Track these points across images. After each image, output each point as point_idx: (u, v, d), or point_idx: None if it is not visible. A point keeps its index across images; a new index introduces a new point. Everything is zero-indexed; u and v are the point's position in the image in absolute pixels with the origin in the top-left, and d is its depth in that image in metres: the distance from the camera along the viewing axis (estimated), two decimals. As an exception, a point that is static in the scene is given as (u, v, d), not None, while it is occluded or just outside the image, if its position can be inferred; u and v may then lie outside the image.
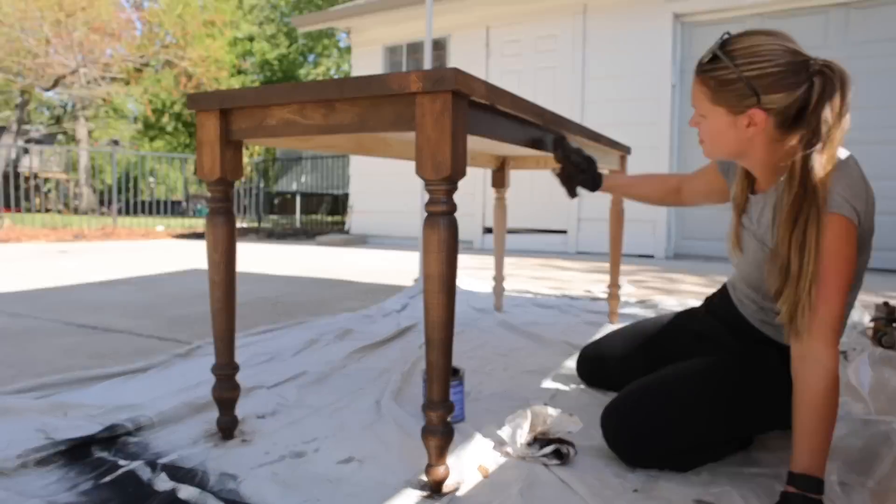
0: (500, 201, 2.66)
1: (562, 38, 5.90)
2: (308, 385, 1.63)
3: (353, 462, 1.17)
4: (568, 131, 1.57)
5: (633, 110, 5.49)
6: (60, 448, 1.17)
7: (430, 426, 1.03)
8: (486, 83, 1.05)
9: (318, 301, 3.03)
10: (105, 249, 6.13)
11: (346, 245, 6.92)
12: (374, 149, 1.71)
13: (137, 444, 1.23)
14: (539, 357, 1.96)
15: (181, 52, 14.67)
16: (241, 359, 1.79)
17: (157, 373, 1.71)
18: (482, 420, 1.37)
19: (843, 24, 4.79)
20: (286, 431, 1.31)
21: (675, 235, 5.53)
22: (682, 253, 5.51)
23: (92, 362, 1.85)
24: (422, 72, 0.96)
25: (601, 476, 1.11)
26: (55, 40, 12.67)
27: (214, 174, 1.22)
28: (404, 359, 1.88)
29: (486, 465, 1.15)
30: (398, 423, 1.34)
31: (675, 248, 5.54)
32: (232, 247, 1.25)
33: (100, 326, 2.36)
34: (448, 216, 1.00)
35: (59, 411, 1.37)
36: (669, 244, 5.48)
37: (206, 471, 1.12)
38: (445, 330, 1.01)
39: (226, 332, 1.27)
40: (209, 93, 1.21)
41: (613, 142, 2.13)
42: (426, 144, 0.98)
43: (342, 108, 1.08)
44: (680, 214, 5.50)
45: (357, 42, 7.28)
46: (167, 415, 1.35)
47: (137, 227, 9.02)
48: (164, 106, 18.97)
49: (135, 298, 3.02)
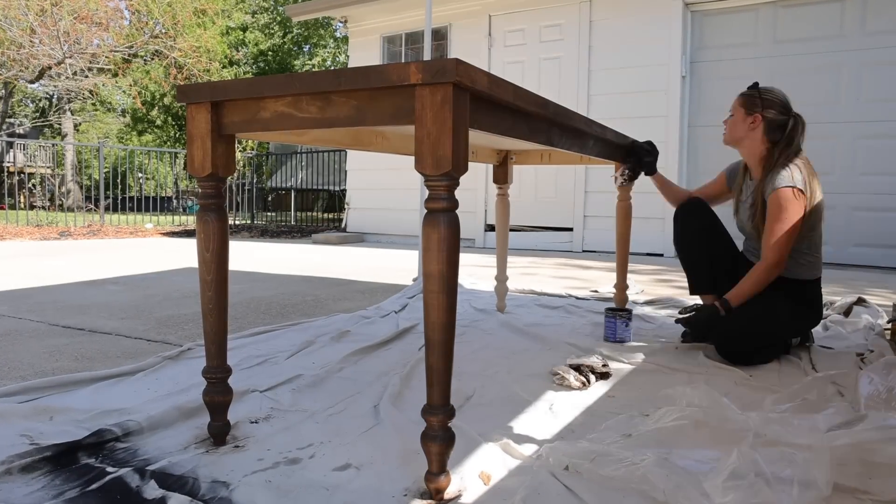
0: (503, 198, 2.66)
1: (567, 28, 5.89)
2: (303, 389, 1.62)
3: (351, 469, 1.16)
4: (574, 124, 1.57)
5: (641, 103, 5.49)
6: (46, 454, 1.17)
7: (431, 432, 1.03)
8: (489, 74, 1.05)
9: (313, 301, 3.03)
10: (92, 247, 6.13)
11: (343, 243, 6.92)
12: (373, 143, 1.70)
13: (126, 450, 1.23)
14: (543, 360, 1.96)
15: (171, 43, 14.65)
16: (234, 361, 1.79)
17: (146, 376, 1.71)
18: (484, 425, 1.37)
19: (861, 14, 4.78)
20: (280, 437, 1.31)
21: (684, 233, 5.52)
22: (692, 251, 5.50)
23: (78, 365, 1.85)
24: (422, 62, 0.96)
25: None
26: (40, 30, 12.66)
27: (205, 169, 1.22)
28: (403, 361, 1.88)
29: (488, 472, 1.15)
30: (397, 429, 1.33)
31: (685, 247, 5.53)
32: (224, 245, 1.25)
33: (86, 327, 2.35)
34: (449, 213, 1.00)
35: (45, 416, 1.37)
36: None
37: (196, 478, 1.12)
38: (446, 331, 1.01)
39: (217, 333, 1.27)
40: (200, 84, 1.21)
41: (620, 135, 2.12)
42: (426, 138, 0.98)
43: (339, 100, 1.07)
44: (690, 211, 5.49)
45: (354, 31, 7.28)
46: (156, 420, 1.35)
47: (125, 225, 9.02)
48: (154, 98, 18.96)
49: (123, 298, 3.02)
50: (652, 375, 1.81)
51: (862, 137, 4.81)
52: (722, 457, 1.19)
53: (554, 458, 1.20)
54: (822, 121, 4.91)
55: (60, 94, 17.19)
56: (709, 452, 1.22)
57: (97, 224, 8.73)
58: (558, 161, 2.54)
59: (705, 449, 1.24)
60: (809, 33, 4.97)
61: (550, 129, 1.47)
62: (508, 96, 1.14)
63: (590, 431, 1.36)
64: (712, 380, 1.75)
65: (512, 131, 1.24)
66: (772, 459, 1.15)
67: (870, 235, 4.76)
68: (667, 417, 1.41)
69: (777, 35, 5.10)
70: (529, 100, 1.23)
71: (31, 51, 12.82)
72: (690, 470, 1.16)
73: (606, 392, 1.66)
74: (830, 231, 4.91)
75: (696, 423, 1.34)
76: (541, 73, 6.04)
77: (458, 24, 6.49)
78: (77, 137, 20.09)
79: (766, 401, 1.59)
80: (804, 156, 1.96)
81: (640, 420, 1.42)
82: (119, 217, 9.73)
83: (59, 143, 16.15)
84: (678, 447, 1.25)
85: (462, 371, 1.81)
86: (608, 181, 5.43)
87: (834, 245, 4.89)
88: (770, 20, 5.12)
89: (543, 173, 5.95)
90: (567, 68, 5.90)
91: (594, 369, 1.74)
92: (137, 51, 15.03)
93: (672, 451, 1.23)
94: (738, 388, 1.68)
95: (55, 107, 18.88)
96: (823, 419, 1.41)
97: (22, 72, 13.43)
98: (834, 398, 1.58)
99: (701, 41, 5.38)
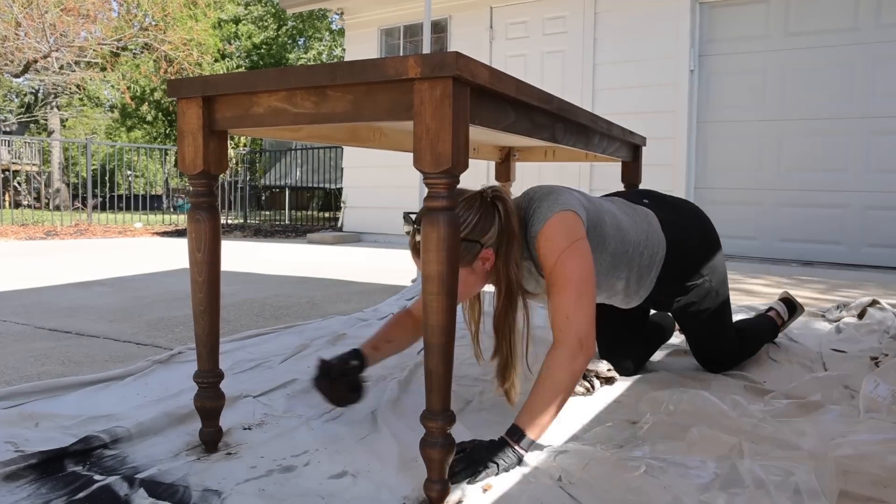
0: (505, 196, 2.66)
1: (571, 20, 5.89)
2: (298, 394, 1.62)
3: (347, 477, 1.16)
4: (579, 120, 1.57)
5: (648, 98, 5.49)
6: (31, 462, 1.16)
7: (430, 438, 1.03)
8: (490, 68, 1.05)
9: (308, 303, 3.03)
10: (79, 248, 6.13)
11: (339, 243, 6.92)
12: (370, 139, 1.70)
13: (114, 458, 1.23)
14: (547, 364, 1.96)
15: (161, 35, 14.65)
16: (226, 365, 1.79)
17: (135, 380, 1.71)
18: (485, 431, 1.37)
19: (875, 6, 4.78)
20: (274, 444, 1.31)
21: (693, 233, 5.52)
22: (701, 251, 5.50)
23: (65, 369, 1.85)
24: (421, 56, 0.96)
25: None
26: (25, 22, 12.66)
27: (197, 166, 1.22)
28: (401, 366, 1.88)
29: (489, 481, 1.15)
30: (395, 435, 1.34)
31: (694, 247, 5.53)
32: (216, 245, 1.25)
33: (73, 331, 2.35)
34: (449, 212, 1.00)
35: (30, 422, 1.37)
36: (687, 242, 5.47)
37: (187, 486, 1.12)
38: (446, 335, 1.01)
39: (209, 336, 1.27)
40: (192, 79, 1.21)
41: (627, 132, 2.13)
42: (425, 134, 0.98)
43: (335, 95, 1.07)
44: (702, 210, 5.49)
45: (351, 24, 7.28)
46: (146, 426, 1.35)
47: (114, 224, 9.02)
48: (143, 93, 18.96)
49: (111, 300, 3.02)
50: (659, 381, 1.81)
51: (876, 133, 4.80)
52: (720, 465, 1.19)
53: (557, 466, 1.20)
54: (835, 116, 4.91)
55: (47, 89, 17.20)
56: (707, 462, 1.22)
57: (84, 223, 8.74)
58: (562, 158, 2.54)
59: (703, 456, 1.24)
60: (822, 26, 4.97)
61: (554, 125, 1.47)
62: (511, 91, 1.14)
63: (595, 438, 1.36)
64: (722, 385, 1.75)
65: (514, 127, 1.24)
66: (771, 467, 1.15)
67: (884, 235, 4.76)
68: (664, 423, 1.41)
69: (789, 28, 5.10)
70: (532, 94, 1.23)
71: (16, 44, 12.82)
72: (690, 479, 1.16)
73: (613, 398, 1.66)
74: (843, 231, 4.92)
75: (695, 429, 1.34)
76: (544, 66, 6.04)
77: (458, 16, 6.49)
78: (64, 134, 20.10)
79: (765, 398, 1.60)
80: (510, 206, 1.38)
81: (641, 426, 1.42)
82: (107, 216, 9.73)
83: (45, 140, 16.15)
84: (676, 453, 1.25)
85: (462, 375, 1.81)
86: (614, 179, 5.43)
87: (847, 245, 4.89)
88: (782, 12, 5.12)
89: (546, 170, 5.95)
90: (571, 62, 5.90)
91: (599, 374, 1.75)
92: (126, 44, 15.04)
93: (669, 459, 1.23)
94: (747, 393, 1.68)
95: (41, 102, 18.88)
96: (826, 421, 1.41)
97: (6, 66, 13.44)
98: (841, 400, 1.59)
99: (710, 34, 5.38)
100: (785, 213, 5.13)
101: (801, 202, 5.08)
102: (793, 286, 3.66)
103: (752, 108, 5.21)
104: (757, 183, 5.20)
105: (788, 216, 5.12)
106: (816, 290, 3.54)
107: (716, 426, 1.38)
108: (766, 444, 1.30)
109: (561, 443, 1.34)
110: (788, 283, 3.86)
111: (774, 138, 5.13)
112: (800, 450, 1.26)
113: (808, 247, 5.05)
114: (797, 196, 5.09)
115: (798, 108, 5.06)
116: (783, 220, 5.14)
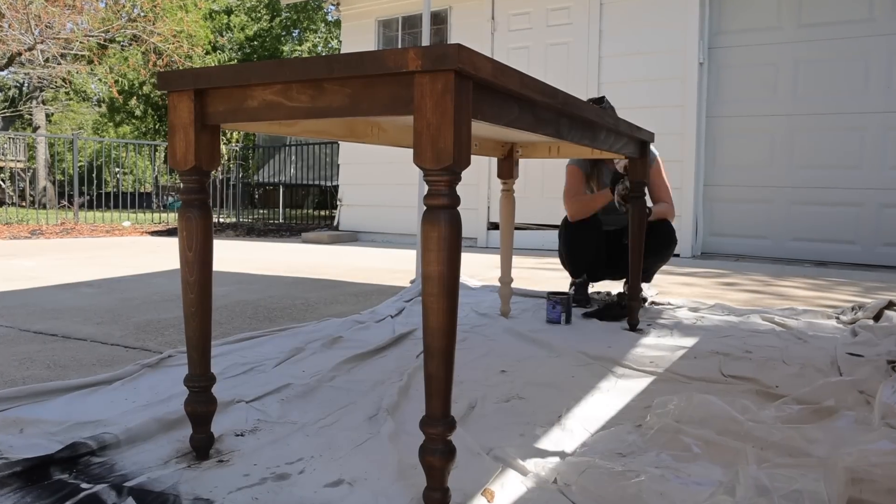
0: (508, 194, 2.66)
1: (576, 11, 5.89)
2: (292, 399, 1.62)
3: (343, 485, 1.16)
4: (584, 115, 1.57)
5: (655, 92, 5.49)
6: (15, 469, 1.16)
7: (430, 445, 1.03)
8: (493, 61, 1.05)
9: (303, 305, 3.03)
10: (65, 247, 6.13)
11: (335, 242, 6.93)
12: (368, 135, 1.70)
13: (102, 465, 1.23)
14: (550, 367, 1.96)
15: (150, 27, 14.65)
16: (218, 369, 1.79)
17: (124, 385, 1.71)
18: (487, 438, 1.37)
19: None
20: (268, 451, 1.31)
21: (702, 232, 5.53)
22: (711, 251, 5.51)
23: (51, 373, 1.85)
24: (421, 48, 0.96)
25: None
26: (9, 13, 12.66)
27: (188, 162, 1.22)
28: (400, 369, 1.88)
29: (492, 489, 1.15)
30: (393, 442, 1.33)
31: (703, 247, 5.54)
32: (208, 244, 1.25)
33: (59, 333, 2.35)
34: (450, 210, 1.00)
35: (14, 428, 1.37)
36: (696, 242, 5.48)
37: (178, 495, 1.12)
38: (446, 337, 1.01)
39: (200, 339, 1.27)
40: (183, 71, 1.21)
41: (635, 127, 2.12)
42: (426, 130, 0.98)
43: (331, 88, 1.07)
44: (708, 209, 5.50)
45: (347, 15, 7.28)
46: (135, 432, 1.35)
47: (101, 223, 9.02)
48: (132, 87, 18.96)
49: (98, 302, 3.02)
50: (670, 386, 1.81)
51: (892, 129, 4.81)
52: (725, 472, 1.19)
53: (563, 475, 1.20)
54: (849, 111, 4.91)
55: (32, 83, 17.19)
56: (712, 469, 1.22)
57: (71, 222, 8.74)
58: (567, 154, 2.54)
59: (708, 463, 1.24)
60: (836, 17, 4.97)
61: (559, 120, 1.47)
62: (514, 84, 1.14)
63: (600, 444, 1.36)
64: (732, 389, 1.75)
65: (518, 122, 1.24)
66: (777, 475, 1.15)
67: (901, 234, 4.76)
68: (670, 429, 1.41)
69: (801, 19, 5.10)
70: (537, 88, 1.23)
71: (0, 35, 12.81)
72: (690, 487, 1.16)
73: (621, 403, 1.66)
74: (858, 230, 4.92)
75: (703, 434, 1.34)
76: (548, 59, 6.04)
77: (458, 6, 6.49)
78: (50, 129, 20.10)
79: (777, 403, 1.59)
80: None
81: (646, 432, 1.42)
82: (94, 214, 9.73)
83: (30, 136, 16.16)
84: (680, 461, 1.25)
85: (463, 379, 1.81)
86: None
87: (862, 245, 4.89)
88: (794, 3, 5.12)
89: (550, 167, 5.94)
90: (576, 54, 5.90)
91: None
92: (114, 36, 15.03)
93: (671, 466, 1.23)
94: (757, 397, 1.68)
95: (26, 96, 18.88)
96: (839, 428, 1.41)
97: (-10, 58, 13.44)
98: (856, 406, 1.58)
99: (719, 26, 5.38)
100: (797, 211, 5.13)
101: (813, 200, 5.08)
102: (822, 288, 3.67)
103: (763, 103, 5.21)
104: (768, 180, 5.20)
105: (801, 215, 5.12)
106: (851, 292, 3.54)
107: (724, 432, 1.38)
108: (776, 450, 1.30)
109: (565, 449, 1.33)
110: (821, 284, 3.86)
111: (786, 134, 5.13)
112: (811, 457, 1.26)
113: (821, 246, 5.05)
114: (810, 194, 5.09)
115: (811, 103, 5.06)
116: (795, 218, 5.14)
